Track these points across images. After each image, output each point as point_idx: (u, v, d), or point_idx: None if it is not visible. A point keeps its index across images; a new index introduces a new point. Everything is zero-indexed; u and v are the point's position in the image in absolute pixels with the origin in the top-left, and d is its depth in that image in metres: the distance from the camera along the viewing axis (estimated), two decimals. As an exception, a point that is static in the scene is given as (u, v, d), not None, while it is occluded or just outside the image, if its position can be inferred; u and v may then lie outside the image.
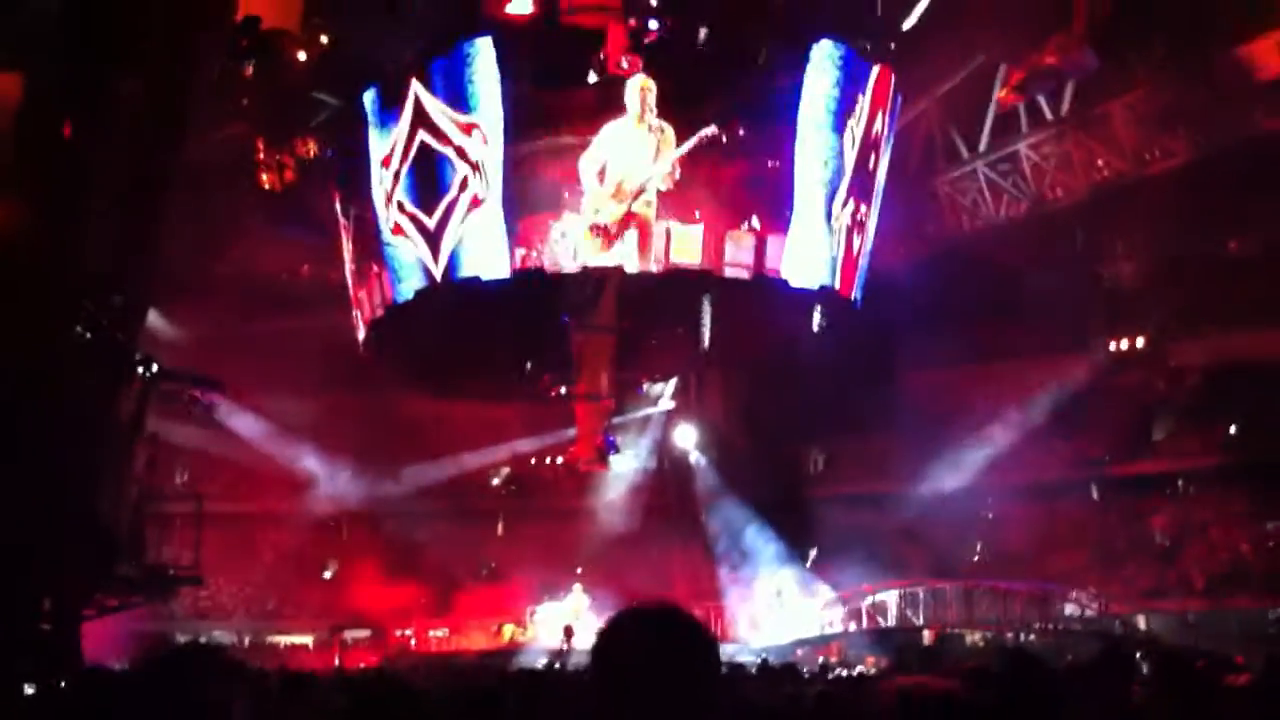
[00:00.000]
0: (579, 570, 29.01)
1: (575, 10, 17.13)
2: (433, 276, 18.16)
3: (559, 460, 30.13)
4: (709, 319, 19.06)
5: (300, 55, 17.26)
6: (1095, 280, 28.92)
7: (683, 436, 32.85)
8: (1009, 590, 25.19)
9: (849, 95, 17.98)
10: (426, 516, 31.81)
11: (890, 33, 18.79)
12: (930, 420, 30.90)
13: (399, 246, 18.50)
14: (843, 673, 15.92)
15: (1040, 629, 24.38)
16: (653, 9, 16.70)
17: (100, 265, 11.47)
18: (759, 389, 30.27)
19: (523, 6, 16.80)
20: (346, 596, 29.54)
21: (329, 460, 31.62)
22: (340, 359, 25.21)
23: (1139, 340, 30.67)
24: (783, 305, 19.37)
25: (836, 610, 27.24)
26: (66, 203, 11.12)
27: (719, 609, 28.72)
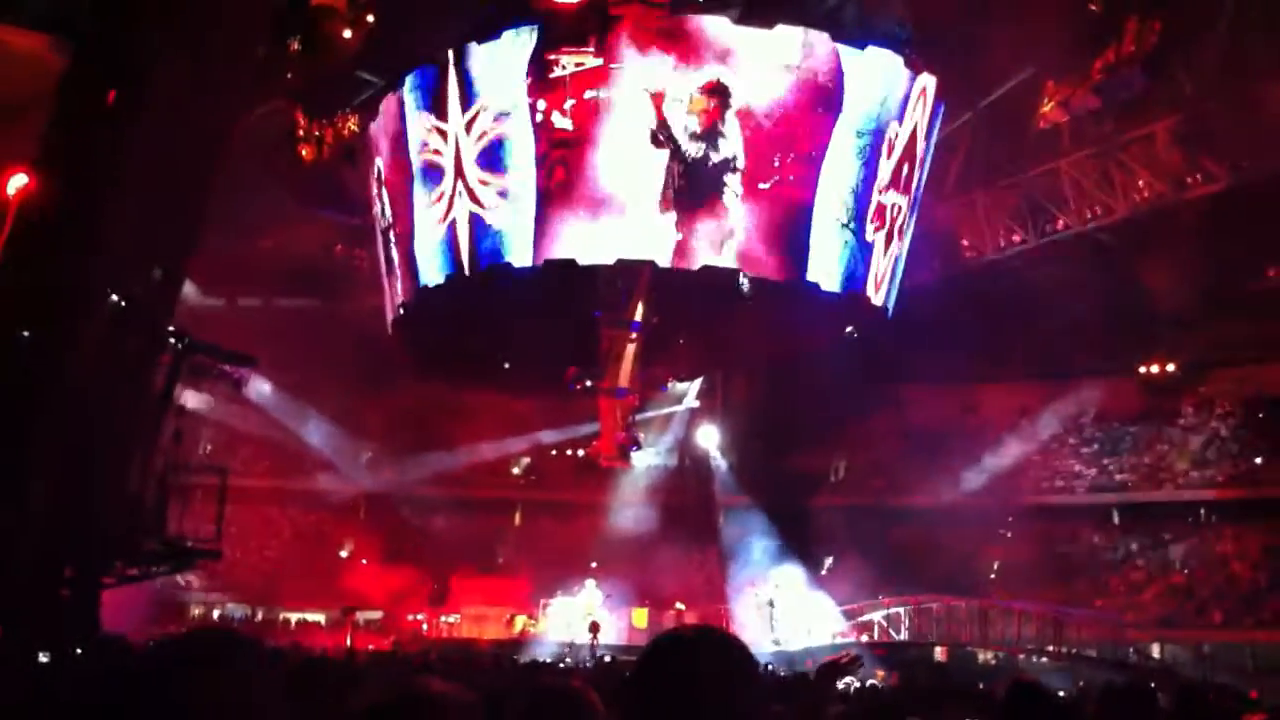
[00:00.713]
0: (594, 565, 28.98)
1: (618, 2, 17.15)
2: (460, 263, 18.20)
3: (580, 454, 30.07)
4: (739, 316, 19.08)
5: (346, 33, 17.28)
6: (1129, 303, 28.55)
7: (705, 436, 32.76)
8: (1023, 610, 24.94)
9: (891, 102, 17.88)
10: (443, 504, 31.90)
11: (937, 42, 18.68)
12: (950, 436, 30.67)
13: (427, 230, 18.56)
14: (854, 684, 15.80)
15: (1053, 652, 24.13)
16: None
17: (139, 237, 11.47)
18: (779, 396, 30.07)
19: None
20: (360, 577, 29.61)
21: (351, 442, 31.79)
22: (368, 343, 25.32)
23: (1169, 366, 30.39)
24: (813, 310, 19.32)
25: (848, 621, 27.08)
26: (106, 173, 11.13)
27: (728, 613, 28.58)
